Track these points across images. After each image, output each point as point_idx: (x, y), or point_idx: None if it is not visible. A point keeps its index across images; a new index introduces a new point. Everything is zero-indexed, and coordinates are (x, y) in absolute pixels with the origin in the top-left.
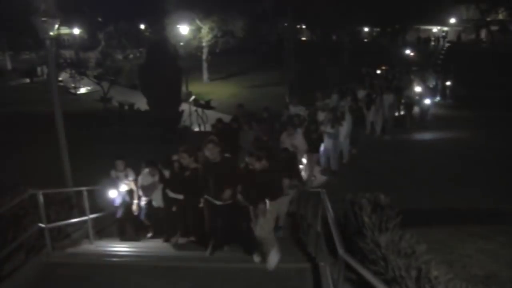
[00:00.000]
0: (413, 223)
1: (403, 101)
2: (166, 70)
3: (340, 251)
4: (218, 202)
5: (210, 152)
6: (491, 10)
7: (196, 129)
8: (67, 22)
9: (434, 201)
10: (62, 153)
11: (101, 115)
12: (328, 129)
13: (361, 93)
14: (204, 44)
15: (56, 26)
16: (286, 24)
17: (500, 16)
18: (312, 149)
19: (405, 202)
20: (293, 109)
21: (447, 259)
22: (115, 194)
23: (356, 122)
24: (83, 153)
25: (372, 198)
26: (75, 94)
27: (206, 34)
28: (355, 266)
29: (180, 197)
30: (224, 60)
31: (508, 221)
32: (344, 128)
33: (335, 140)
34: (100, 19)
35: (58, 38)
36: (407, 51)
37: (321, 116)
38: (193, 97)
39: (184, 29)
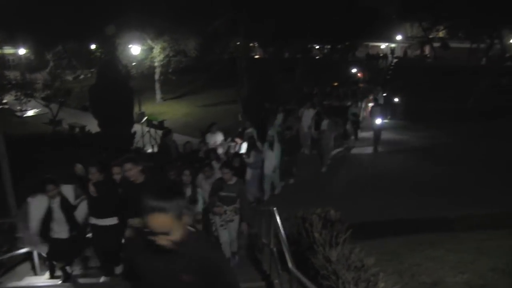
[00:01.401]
0: (367, 236)
1: (350, 119)
2: (117, 91)
3: (291, 266)
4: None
5: (128, 173)
6: (432, 28)
7: (149, 150)
8: (12, 41)
9: (385, 213)
10: (5, 179)
11: (50, 138)
12: (246, 158)
13: (310, 112)
14: (156, 64)
15: None
16: (238, 43)
17: (440, 34)
18: None
19: (357, 216)
20: (211, 138)
21: (397, 269)
22: None
23: (291, 151)
24: (31, 178)
25: (323, 213)
26: (22, 117)
27: (158, 53)
28: (303, 280)
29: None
30: (177, 79)
31: (453, 228)
32: (272, 161)
33: (254, 170)
34: (47, 39)
35: (1, 58)
36: (355, 70)
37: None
38: (145, 118)
39: (135, 49)
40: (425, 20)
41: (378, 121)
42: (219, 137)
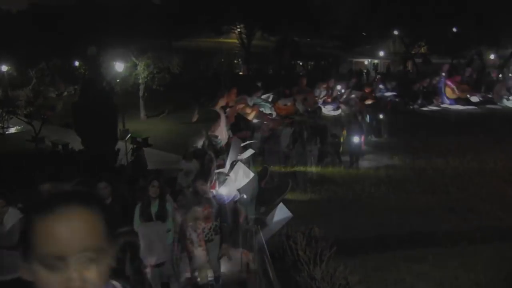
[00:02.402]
0: (351, 252)
1: (329, 140)
2: (101, 108)
3: (275, 286)
4: None
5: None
6: (414, 44)
7: None
8: None
9: (367, 230)
10: None
11: (32, 156)
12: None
13: (288, 131)
14: (140, 81)
15: None
16: (222, 60)
17: (422, 50)
18: None
19: (340, 232)
20: (185, 165)
21: (382, 285)
22: None
23: (261, 177)
24: (11, 197)
25: (307, 231)
26: (3, 134)
27: (142, 70)
28: None
29: None
30: (161, 96)
31: (439, 243)
32: (248, 188)
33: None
34: (30, 56)
35: None
36: (339, 87)
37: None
38: (129, 135)
39: (119, 66)
40: (406, 36)
41: (356, 139)
42: (194, 165)
